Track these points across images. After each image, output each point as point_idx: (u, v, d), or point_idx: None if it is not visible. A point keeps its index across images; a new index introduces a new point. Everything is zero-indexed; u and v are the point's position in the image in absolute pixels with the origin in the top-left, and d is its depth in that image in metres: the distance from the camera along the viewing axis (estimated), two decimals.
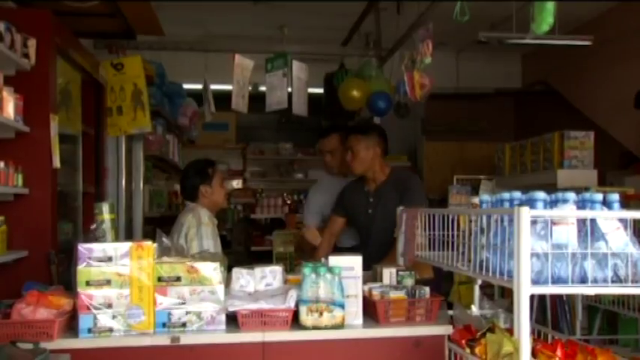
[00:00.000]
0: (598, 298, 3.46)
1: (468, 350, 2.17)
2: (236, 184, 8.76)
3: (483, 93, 7.55)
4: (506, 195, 2.14)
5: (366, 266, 2.69)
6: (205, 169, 3.53)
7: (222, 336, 2.40)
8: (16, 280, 2.88)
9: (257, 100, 4.73)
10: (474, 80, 7.26)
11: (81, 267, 2.32)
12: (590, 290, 1.93)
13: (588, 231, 1.90)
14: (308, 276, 2.43)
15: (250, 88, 4.74)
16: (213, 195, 3.51)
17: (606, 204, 2.00)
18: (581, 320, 3.68)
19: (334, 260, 2.54)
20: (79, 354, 2.29)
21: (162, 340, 2.35)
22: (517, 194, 2.10)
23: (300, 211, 7.46)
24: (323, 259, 2.62)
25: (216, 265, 2.41)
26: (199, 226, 3.32)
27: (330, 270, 2.44)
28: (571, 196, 1.99)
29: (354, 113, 5.94)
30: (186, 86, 6.09)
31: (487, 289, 3.66)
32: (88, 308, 2.31)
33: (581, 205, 1.98)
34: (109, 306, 2.32)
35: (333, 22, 5.90)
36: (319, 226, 3.95)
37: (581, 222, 1.91)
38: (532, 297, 1.86)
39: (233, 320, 2.44)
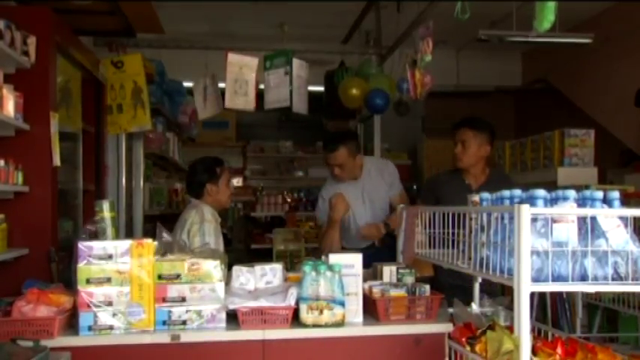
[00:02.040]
0: (598, 295, 3.46)
1: (468, 348, 2.17)
2: (236, 182, 8.76)
3: (483, 91, 7.54)
4: (506, 193, 2.14)
5: (366, 264, 2.69)
6: (213, 168, 3.54)
7: (222, 334, 2.41)
8: (17, 278, 2.89)
9: (257, 97, 4.72)
10: (474, 78, 7.26)
11: (81, 265, 2.32)
12: (590, 288, 1.93)
13: (588, 229, 1.90)
14: (308, 274, 2.43)
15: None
16: (218, 194, 3.53)
17: (606, 202, 2.00)
18: (582, 318, 3.68)
19: (334, 258, 2.54)
20: (80, 352, 2.30)
21: (163, 337, 2.35)
22: (517, 192, 2.10)
23: (301, 209, 7.48)
24: (323, 257, 2.62)
25: (217, 262, 2.42)
26: (202, 223, 3.33)
27: (330, 268, 2.44)
28: (571, 193, 1.99)
29: (355, 111, 5.94)
30: (186, 84, 6.08)
31: (487, 287, 3.65)
32: (89, 306, 2.32)
33: (581, 202, 1.98)
34: (110, 304, 2.33)
35: (333, 20, 5.90)
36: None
37: (582, 220, 1.91)
38: (532, 295, 1.86)
39: (233, 318, 2.44)
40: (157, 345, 2.35)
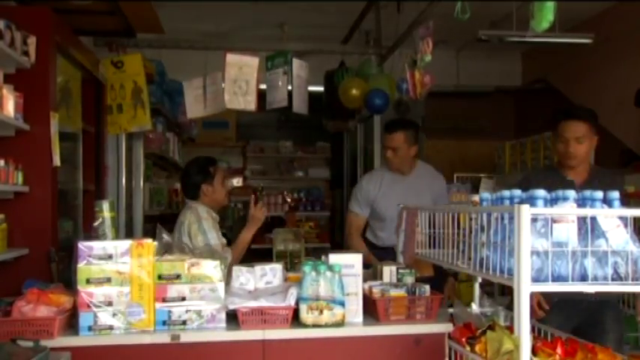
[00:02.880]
0: (598, 295, 3.45)
1: (468, 348, 2.17)
2: (236, 182, 8.76)
3: (483, 91, 7.54)
4: (506, 193, 2.14)
5: (367, 264, 2.70)
6: (207, 168, 3.53)
7: (222, 334, 2.41)
8: (17, 278, 2.89)
9: (259, 98, 4.72)
10: (474, 78, 7.26)
11: (81, 265, 2.32)
12: (590, 288, 1.93)
13: (588, 229, 1.90)
14: (308, 274, 2.43)
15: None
16: (214, 193, 3.52)
17: (606, 202, 2.00)
18: None
19: (334, 258, 2.54)
20: (80, 352, 2.30)
21: (163, 338, 2.35)
22: (517, 192, 2.10)
23: (301, 209, 7.48)
24: (323, 257, 2.62)
25: (217, 262, 2.42)
26: (200, 222, 3.34)
27: (330, 268, 2.44)
28: (571, 193, 1.99)
29: (354, 111, 5.94)
30: None
31: (487, 287, 3.66)
32: (89, 306, 2.32)
33: (581, 202, 1.98)
34: (110, 304, 2.33)
35: (333, 20, 5.90)
36: (365, 217, 3.88)
37: (582, 220, 1.91)
38: (532, 295, 1.86)
39: (233, 318, 2.44)
40: (157, 345, 2.35)
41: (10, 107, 3.00)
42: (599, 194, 1.98)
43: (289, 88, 4.55)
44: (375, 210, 3.81)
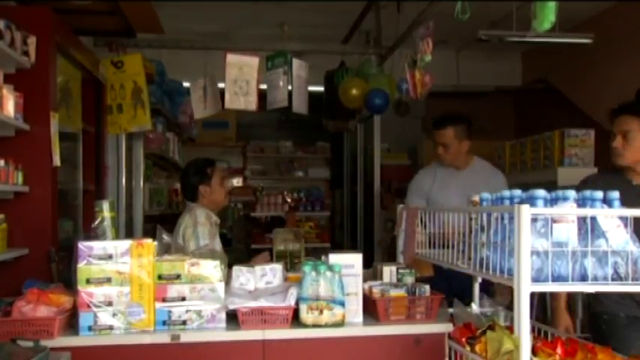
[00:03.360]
0: None
1: (468, 348, 2.17)
2: (236, 182, 8.77)
3: (483, 91, 7.54)
4: (506, 193, 2.14)
5: (367, 264, 2.70)
6: (204, 169, 3.54)
7: (222, 334, 2.41)
8: (17, 278, 2.88)
9: (260, 98, 4.72)
10: (474, 78, 7.25)
11: (81, 265, 2.32)
12: (590, 288, 1.93)
13: (588, 229, 1.90)
14: (308, 274, 2.43)
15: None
16: (213, 194, 3.53)
17: (606, 202, 2.00)
18: (582, 318, 3.68)
19: (334, 258, 2.54)
20: (80, 352, 2.30)
21: (163, 338, 2.35)
22: (517, 192, 2.10)
23: (301, 209, 7.48)
24: (323, 257, 2.62)
25: (217, 262, 2.42)
26: (195, 226, 3.34)
27: (330, 268, 2.44)
28: (571, 194, 1.99)
29: (355, 111, 5.94)
30: (186, 84, 6.07)
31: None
32: (89, 306, 2.32)
33: (581, 203, 1.98)
34: (110, 304, 2.33)
35: (333, 20, 5.90)
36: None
37: (582, 220, 1.91)
38: (532, 295, 1.86)
39: (233, 318, 2.44)
40: (157, 345, 2.35)
41: (10, 107, 3.00)
42: (599, 194, 1.98)
43: (289, 88, 4.55)
44: (431, 206, 3.70)
